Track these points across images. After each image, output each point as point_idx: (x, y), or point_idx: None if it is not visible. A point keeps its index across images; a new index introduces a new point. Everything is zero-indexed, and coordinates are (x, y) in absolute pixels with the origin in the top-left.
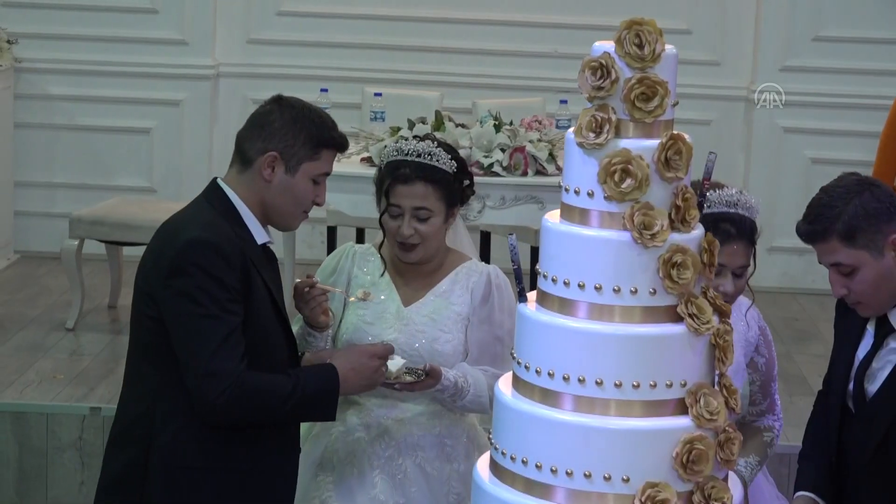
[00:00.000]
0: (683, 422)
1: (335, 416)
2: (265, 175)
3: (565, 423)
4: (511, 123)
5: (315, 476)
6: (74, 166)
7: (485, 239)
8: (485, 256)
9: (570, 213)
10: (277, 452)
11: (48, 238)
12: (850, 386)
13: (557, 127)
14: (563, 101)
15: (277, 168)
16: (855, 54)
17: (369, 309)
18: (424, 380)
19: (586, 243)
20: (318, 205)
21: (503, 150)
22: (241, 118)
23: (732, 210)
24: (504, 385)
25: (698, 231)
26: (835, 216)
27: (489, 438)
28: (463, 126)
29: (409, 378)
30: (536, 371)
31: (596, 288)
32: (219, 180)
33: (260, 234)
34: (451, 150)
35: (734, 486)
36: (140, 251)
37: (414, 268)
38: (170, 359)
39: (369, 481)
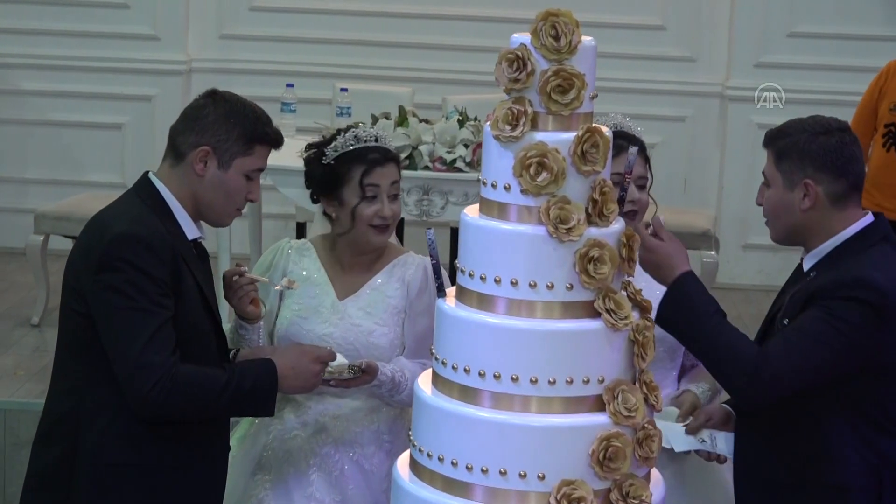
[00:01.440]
0: (600, 419)
1: (273, 412)
2: (197, 169)
3: (479, 419)
4: (476, 119)
5: (253, 475)
6: (46, 162)
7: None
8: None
9: (488, 207)
10: (206, 451)
11: (18, 234)
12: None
13: None
14: None
15: (210, 163)
16: (829, 50)
17: (304, 303)
18: (360, 376)
19: (502, 238)
20: (251, 201)
21: (466, 146)
22: None
23: (618, 129)
24: (424, 382)
25: (618, 225)
26: (785, 135)
27: (409, 436)
28: (427, 122)
29: (346, 375)
30: (453, 367)
31: (512, 283)
32: (150, 174)
33: (191, 230)
34: None
35: (655, 484)
36: None
37: (355, 261)
38: (96, 355)
39: (306, 479)
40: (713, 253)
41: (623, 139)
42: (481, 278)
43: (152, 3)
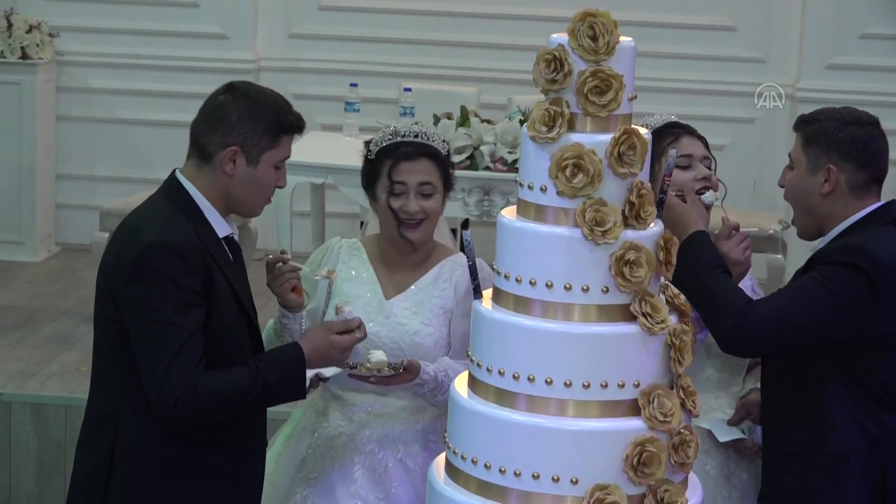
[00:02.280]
0: (635, 423)
1: (305, 395)
2: (227, 170)
3: (512, 422)
4: None
5: (298, 472)
6: (114, 159)
7: None
8: None
9: (525, 209)
10: (243, 453)
11: (86, 230)
12: None
13: None
14: None
15: (239, 161)
16: None
17: (351, 302)
18: (402, 374)
19: (538, 239)
20: (280, 188)
21: None
22: None
23: (672, 119)
24: (460, 384)
25: (656, 228)
26: (816, 120)
27: (444, 438)
28: (489, 122)
29: (386, 372)
30: (488, 370)
31: (547, 285)
32: (177, 173)
33: (222, 228)
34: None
35: (693, 489)
36: None
37: (401, 260)
38: (131, 360)
39: (350, 476)
40: (779, 256)
41: (677, 127)
42: (517, 280)
43: (221, 3)
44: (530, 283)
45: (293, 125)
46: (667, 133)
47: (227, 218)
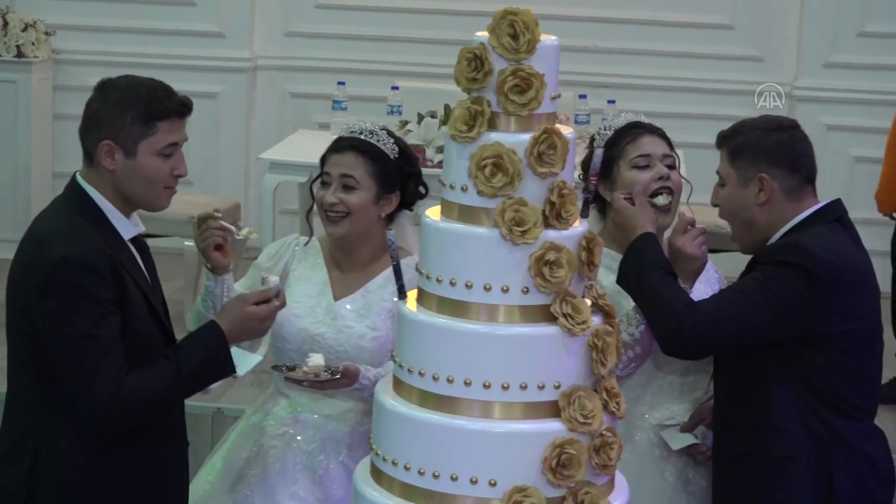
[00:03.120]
0: (555, 425)
1: (234, 370)
2: (107, 165)
3: (429, 423)
4: None
5: (242, 470)
6: None
7: None
8: None
9: (449, 209)
10: (165, 452)
11: None
12: None
13: (576, 122)
14: (582, 96)
15: (116, 155)
16: None
17: (301, 301)
18: (339, 379)
19: (458, 240)
20: (179, 176)
21: None
22: (279, 111)
23: (636, 119)
24: (384, 387)
25: (579, 228)
26: (738, 133)
27: (369, 441)
28: None
29: (324, 376)
30: (409, 371)
31: (467, 286)
32: (78, 177)
33: (126, 229)
34: (399, 140)
35: (619, 492)
36: (167, 242)
37: (348, 259)
38: (49, 374)
39: (290, 477)
40: None
41: (639, 127)
42: (438, 280)
43: (218, 1)
44: (451, 283)
45: (169, 110)
46: (626, 133)
47: (132, 217)
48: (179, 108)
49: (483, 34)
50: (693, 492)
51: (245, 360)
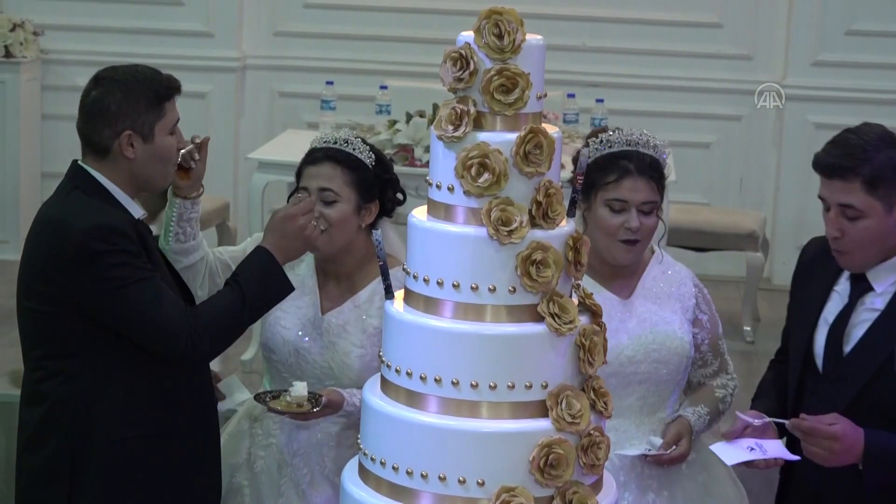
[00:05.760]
0: (543, 424)
1: (292, 287)
2: (128, 155)
3: (417, 424)
4: None
5: (232, 477)
6: None
7: None
8: None
9: (435, 208)
10: (195, 410)
11: None
12: (819, 347)
13: (565, 121)
14: (571, 95)
15: (136, 143)
16: (889, 49)
17: (290, 311)
18: (321, 410)
19: (444, 240)
20: (181, 148)
21: None
22: (268, 110)
23: (632, 148)
24: (372, 387)
25: (566, 228)
26: (865, 158)
27: (357, 441)
28: None
29: (307, 407)
30: (396, 371)
31: (454, 286)
32: (81, 163)
33: (134, 210)
34: (374, 148)
35: (607, 491)
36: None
37: (334, 268)
38: (62, 344)
39: (276, 489)
40: (758, 254)
41: (627, 160)
42: (425, 280)
43: (206, 1)
44: (437, 283)
45: (170, 89)
46: (614, 166)
47: (135, 201)
48: (175, 85)
49: (468, 34)
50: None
51: (234, 390)
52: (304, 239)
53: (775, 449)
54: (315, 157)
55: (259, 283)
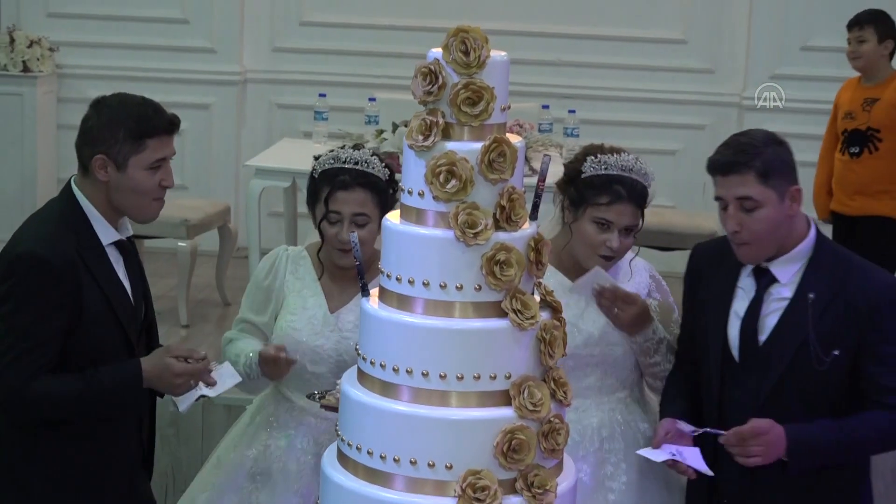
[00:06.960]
0: (506, 412)
1: (137, 409)
2: (100, 177)
3: (390, 411)
4: None
5: (247, 468)
6: None
7: None
8: None
9: (407, 212)
10: (104, 447)
11: None
12: (734, 339)
13: (540, 130)
14: (545, 106)
15: (109, 169)
16: (842, 63)
17: (298, 314)
18: None
19: (416, 241)
20: (166, 187)
21: None
22: (267, 121)
23: (627, 174)
24: (349, 378)
25: (528, 230)
26: (756, 153)
27: (335, 429)
28: None
29: None
30: (371, 363)
31: (424, 284)
32: (72, 182)
33: (107, 235)
34: (381, 159)
35: (567, 474)
36: (162, 243)
37: (345, 273)
38: None
39: (294, 476)
40: None
41: (620, 185)
42: (398, 279)
43: (209, 19)
44: (409, 281)
45: (156, 127)
46: (607, 189)
47: (121, 222)
48: (167, 126)
49: (437, 50)
50: (612, 488)
51: (226, 377)
52: (170, 390)
53: (693, 457)
54: (345, 182)
55: (110, 385)
